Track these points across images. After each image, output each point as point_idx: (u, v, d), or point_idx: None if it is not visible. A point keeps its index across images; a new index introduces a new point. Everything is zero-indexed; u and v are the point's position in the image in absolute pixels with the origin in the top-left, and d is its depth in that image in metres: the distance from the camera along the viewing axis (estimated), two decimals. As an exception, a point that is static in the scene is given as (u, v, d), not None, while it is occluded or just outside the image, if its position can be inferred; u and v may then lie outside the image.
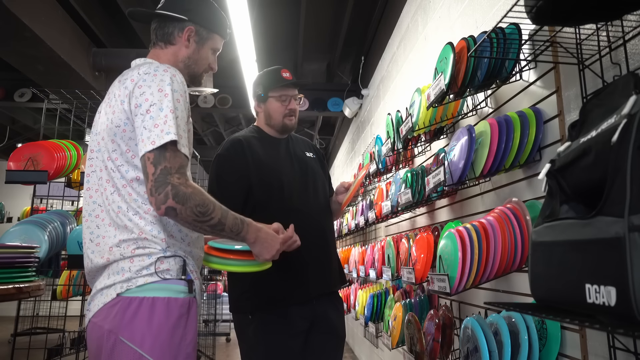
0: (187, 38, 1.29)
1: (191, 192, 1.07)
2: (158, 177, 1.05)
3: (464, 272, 1.32)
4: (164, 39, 1.29)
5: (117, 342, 1.05)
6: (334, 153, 7.99)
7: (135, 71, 1.15)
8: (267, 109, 1.80)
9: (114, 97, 1.16)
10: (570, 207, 0.78)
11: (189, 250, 1.18)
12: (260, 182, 1.68)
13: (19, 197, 7.40)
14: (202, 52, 1.32)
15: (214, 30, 1.34)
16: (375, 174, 2.87)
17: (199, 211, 1.08)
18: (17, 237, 2.98)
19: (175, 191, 1.04)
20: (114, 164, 1.14)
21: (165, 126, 1.08)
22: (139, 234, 1.11)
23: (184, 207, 1.05)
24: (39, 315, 5.05)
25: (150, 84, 1.11)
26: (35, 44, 3.54)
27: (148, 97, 1.09)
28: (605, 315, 0.64)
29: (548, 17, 1.02)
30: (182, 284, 1.12)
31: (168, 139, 1.07)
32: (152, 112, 1.08)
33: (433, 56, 2.42)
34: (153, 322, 1.06)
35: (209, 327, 4.79)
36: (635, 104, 0.66)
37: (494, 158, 1.37)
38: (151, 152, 1.06)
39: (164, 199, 1.04)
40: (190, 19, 1.28)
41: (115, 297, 1.08)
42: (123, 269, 1.10)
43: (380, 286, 3.05)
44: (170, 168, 1.06)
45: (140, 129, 1.09)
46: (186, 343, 1.11)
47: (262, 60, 4.91)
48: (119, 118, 1.13)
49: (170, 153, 1.08)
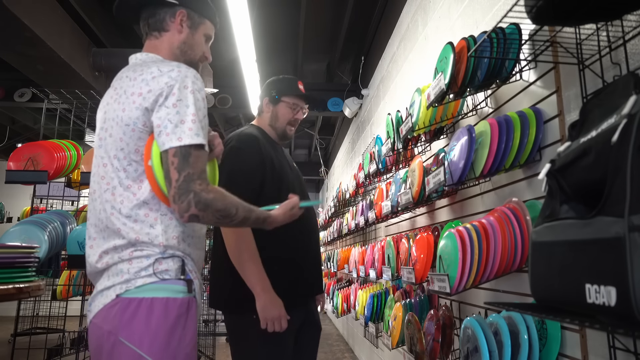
0: (180, 22, 1.27)
1: (212, 198, 1.08)
2: (181, 184, 1.06)
3: (464, 272, 1.32)
4: (156, 27, 1.26)
5: (117, 342, 1.05)
6: (334, 153, 7.99)
7: (155, 67, 1.13)
8: (276, 111, 1.87)
9: (124, 94, 1.13)
10: (570, 207, 0.78)
11: (188, 252, 1.17)
12: (272, 178, 1.72)
13: (19, 197, 7.40)
14: (196, 37, 1.31)
15: (205, 16, 1.32)
16: (375, 174, 2.87)
17: (220, 215, 1.10)
18: (17, 237, 2.98)
19: (198, 199, 1.06)
20: (120, 163, 1.12)
21: (195, 126, 1.08)
22: (136, 238, 1.10)
23: (206, 214, 1.08)
24: (39, 315, 5.05)
25: (177, 79, 1.10)
26: (35, 44, 3.54)
27: (175, 92, 1.09)
28: (605, 315, 0.64)
29: (548, 17, 1.02)
30: (181, 284, 1.12)
31: (197, 142, 1.08)
32: (178, 107, 1.08)
33: (433, 56, 2.42)
34: (151, 322, 1.06)
35: (209, 327, 4.79)
36: (635, 104, 0.66)
37: (494, 158, 1.37)
38: (176, 151, 1.06)
39: (187, 207, 1.06)
40: (181, 3, 1.26)
41: (115, 298, 1.08)
42: (122, 270, 1.10)
43: (380, 286, 3.05)
44: (193, 174, 1.07)
45: (165, 121, 1.08)
46: (185, 343, 1.10)
47: (262, 60, 4.92)
48: (129, 117, 1.11)
49: (194, 157, 1.08)
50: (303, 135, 8.09)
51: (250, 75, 3.94)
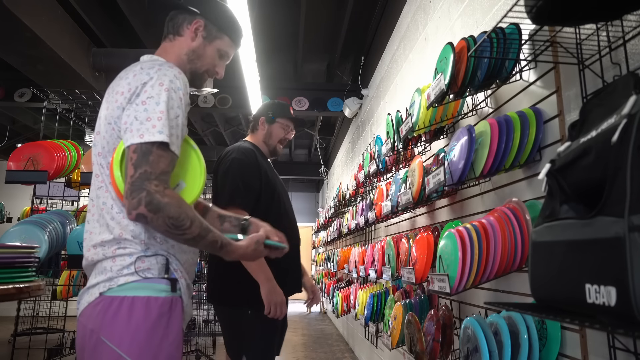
0: (195, 31, 1.28)
1: (166, 203, 1.02)
2: (135, 180, 1.02)
3: (464, 272, 1.32)
4: (173, 30, 1.29)
5: (98, 341, 1.05)
6: (334, 153, 7.99)
7: (138, 65, 1.14)
8: (271, 129, 2.10)
9: (112, 92, 1.14)
10: (570, 207, 0.78)
11: (172, 252, 1.15)
12: (266, 188, 1.92)
13: (19, 197, 7.39)
14: (207, 49, 1.30)
15: (223, 31, 1.32)
16: (375, 174, 2.87)
17: (171, 223, 1.03)
18: (17, 237, 2.98)
19: (150, 199, 1.00)
20: (104, 160, 1.13)
21: (159, 123, 1.04)
22: (120, 234, 1.09)
23: (156, 217, 1.01)
24: (39, 315, 5.05)
25: (153, 76, 1.09)
26: (35, 44, 3.53)
27: (147, 89, 1.07)
28: (605, 315, 0.64)
29: (548, 17, 1.02)
30: (164, 283, 1.10)
31: (158, 139, 1.04)
32: (147, 105, 1.06)
33: (433, 56, 2.42)
34: (132, 321, 1.05)
35: (209, 327, 4.78)
36: (635, 104, 0.66)
37: (494, 158, 1.37)
38: (136, 147, 1.04)
39: (137, 205, 1.00)
40: (201, 13, 1.28)
41: (99, 297, 1.08)
42: (106, 268, 1.09)
43: (380, 286, 3.05)
44: (151, 173, 1.02)
45: (131, 118, 1.06)
46: (168, 343, 1.08)
47: (262, 60, 4.91)
48: (112, 115, 1.11)
49: (155, 156, 1.04)
50: (303, 135, 8.09)
51: (250, 75, 3.94)
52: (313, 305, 2.25)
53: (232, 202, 1.80)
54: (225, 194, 1.84)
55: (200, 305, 4.84)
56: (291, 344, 5.56)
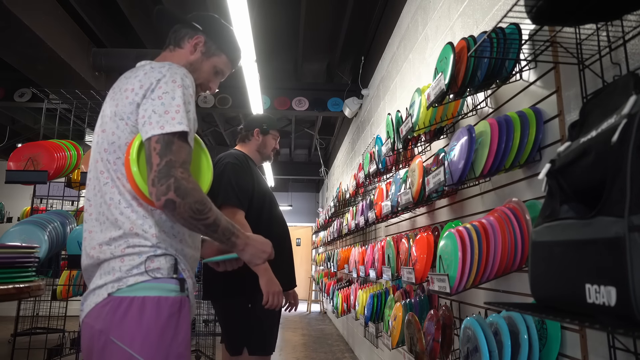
0: (194, 45, 1.35)
1: (192, 188, 1.07)
2: (162, 168, 1.05)
3: (464, 272, 1.32)
4: (175, 42, 1.36)
5: (108, 342, 1.05)
6: (334, 153, 7.99)
7: (148, 65, 1.18)
8: (265, 140, 2.32)
9: (119, 91, 1.16)
10: (570, 207, 0.78)
11: (180, 249, 1.16)
12: (258, 192, 2.09)
13: (19, 197, 7.40)
14: (204, 64, 1.36)
15: (223, 50, 1.39)
16: (375, 174, 2.87)
17: (196, 208, 1.07)
18: (17, 237, 2.98)
19: (178, 184, 1.04)
20: (112, 155, 1.14)
21: (178, 115, 1.09)
22: (130, 229, 1.10)
23: (184, 202, 1.05)
24: (39, 315, 5.05)
25: (165, 74, 1.13)
26: (35, 44, 3.54)
27: (162, 85, 1.11)
28: (605, 315, 0.64)
29: (548, 17, 1.02)
30: (174, 283, 1.11)
31: (179, 129, 1.08)
32: (164, 99, 1.10)
33: (433, 56, 2.42)
34: (143, 321, 1.05)
35: (209, 327, 4.78)
36: (635, 104, 0.66)
37: (494, 158, 1.37)
38: (158, 138, 1.07)
39: (165, 191, 1.04)
40: (204, 30, 1.36)
41: (107, 297, 1.07)
42: (114, 268, 1.09)
43: (380, 286, 3.05)
44: (175, 161, 1.06)
45: (149, 112, 1.09)
46: (177, 342, 1.09)
47: (262, 60, 4.92)
48: (123, 111, 1.13)
49: (177, 145, 1.08)
50: (303, 135, 8.09)
51: (250, 75, 3.94)
52: (292, 309, 2.33)
53: (228, 201, 1.91)
54: (220, 193, 1.93)
55: (200, 305, 4.83)
56: (291, 344, 5.56)
